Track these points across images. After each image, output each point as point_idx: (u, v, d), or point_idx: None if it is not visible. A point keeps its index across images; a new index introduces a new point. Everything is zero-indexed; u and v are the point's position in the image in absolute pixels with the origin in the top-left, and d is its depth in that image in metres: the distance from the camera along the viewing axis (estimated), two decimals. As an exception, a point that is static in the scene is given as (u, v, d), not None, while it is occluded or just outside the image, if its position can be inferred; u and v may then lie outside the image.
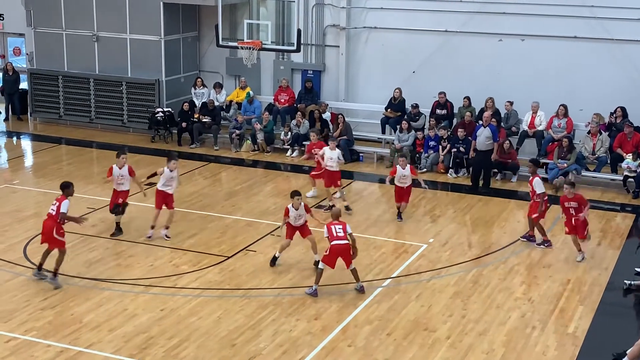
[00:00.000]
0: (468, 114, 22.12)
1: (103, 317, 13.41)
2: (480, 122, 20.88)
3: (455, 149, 21.58)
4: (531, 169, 17.15)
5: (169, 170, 16.54)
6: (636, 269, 15.20)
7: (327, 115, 23.62)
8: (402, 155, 18.40)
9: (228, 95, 25.15)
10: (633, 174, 20.15)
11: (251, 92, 24.65)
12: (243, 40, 22.66)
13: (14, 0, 27.04)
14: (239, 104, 24.71)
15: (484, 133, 20.32)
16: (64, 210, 14.24)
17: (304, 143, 23.32)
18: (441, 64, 23.82)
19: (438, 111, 23.12)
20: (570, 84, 22.57)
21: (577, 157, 20.71)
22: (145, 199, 18.60)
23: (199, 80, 25.39)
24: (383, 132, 23.89)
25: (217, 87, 25.13)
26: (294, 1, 23.43)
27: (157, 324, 13.21)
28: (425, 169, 21.93)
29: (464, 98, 22.73)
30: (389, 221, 18.09)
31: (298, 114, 23.45)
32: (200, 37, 26.48)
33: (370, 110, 24.41)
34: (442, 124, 22.47)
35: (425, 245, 16.77)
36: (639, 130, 20.90)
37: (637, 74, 22.04)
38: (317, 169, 19.19)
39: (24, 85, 27.42)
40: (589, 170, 21.00)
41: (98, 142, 24.54)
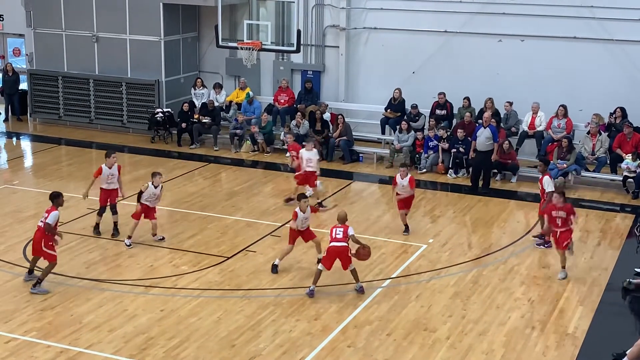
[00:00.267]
0: (468, 114, 22.13)
1: (103, 318, 13.41)
2: (481, 122, 20.90)
3: (454, 150, 21.59)
4: (541, 167, 17.22)
5: (154, 187, 16.37)
6: (636, 269, 15.22)
7: (326, 116, 23.63)
8: (403, 165, 17.65)
9: (228, 96, 25.15)
10: (632, 174, 20.15)
11: (251, 93, 24.65)
12: (243, 40, 22.66)
13: (13, 1, 27.04)
14: (239, 105, 24.70)
15: (484, 133, 20.32)
16: (50, 221, 13.94)
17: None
18: (441, 65, 23.82)
19: (438, 112, 23.12)
20: (569, 84, 22.57)
21: (576, 158, 20.71)
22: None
23: (199, 80, 25.40)
24: (383, 133, 23.90)
25: (216, 87, 25.13)
26: (293, 2, 23.42)
27: (157, 325, 13.21)
28: (425, 170, 21.93)
29: (464, 98, 22.74)
30: (388, 221, 18.09)
31: (298, 115, 23.46)
32: (200, 37, 26.48)
33: (370, 111, 24.41)
34: (442, 125, 22.47)
35: (425, 246, 16.77)
36: (639, 130, 20.90)
37: (637, 74, 22.04)
38: (298, 169, 19.19)
39: (23, 85, 27.41)
40: (589, 171, 21.01)
41: (98, 142, 24.53)
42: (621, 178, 20.42)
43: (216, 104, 24.67)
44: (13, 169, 22.37)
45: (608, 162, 21.03)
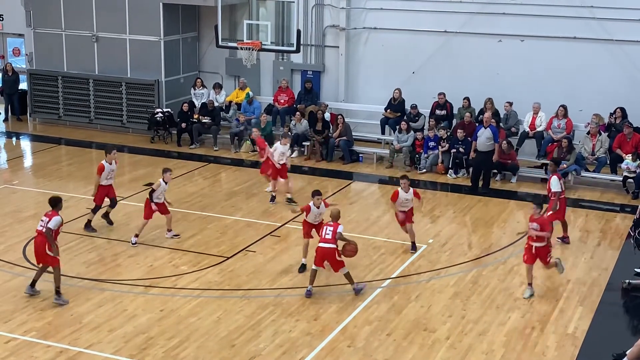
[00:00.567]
0: (467, 114, 22.12)
1: (103, 318, 13.41)
2: (481, 120, 20.89)
3: (454, 150, 21.59)
4: (551, 167, 17.21)
5: (165, 183, 16.59)
6: (636, 269, 15.22)
7: (326, 116, 23.62)
8: (404, 177, 16.28)
9: (227, 96, 25.14)
10: (632, 175, 20.15)
11: (251, 93, 24.64)
12: (243, 40, 22.64)
13: (13, 1, 27.03)
14: (239, 105, 24.70)
15: (485, 134, 20.31)
16: (52, 226, 13.71)
17: (304, 144, 23.35)
18: (441, 65, 23.82)
19: (437, 112, 23.11)
20: (569, 84, 22.57)
21: (576, 158, 20.71)
22: (146, 199, 18.58)
23: (199, 80, 25.39)
24: (383, 133, 23.89)
25: (216, 87, 25.12)
26: (293, 2, 23.41)
27: (156, 325, 13.21)
28: (424, 170, 21.93)
29: (464, 99, 22.73)
30: (388, 222, 18.06)
31: (297, 114, 23.45)
32: (199, 37, 26.47)
33: (369, 111, 24.40)
34: (442, 125, 22.47)
35: (425, 246, 16.76)
36: (639, 131, 20.90)
37: (637, 74, 22.03)
38: (265, 162, 19.41)
39: (23, 85, 27.40)
40: (589, 171, 21.00)
41: (97, 142, 24.51)
42: (621, 178, 20.42)
43: (216, 104, 24.66)
44: (13, 169, 22.36)
45: (608, 162, 21.02)
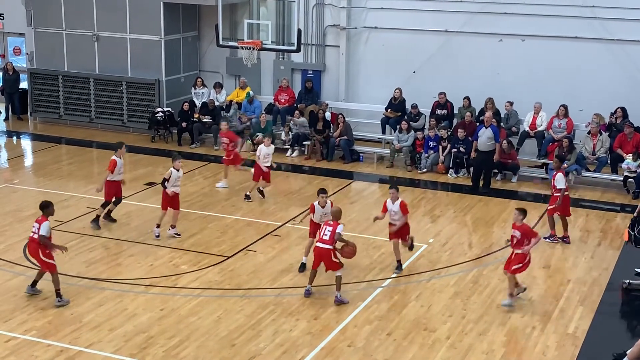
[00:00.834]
0: (468, 114, 22.12)
1: (103, 317, 13.41)
2: (482, 121, 20.88)
3: (455, 149, 21.58)
4: (556, 164, 17.23)
5: (176, 170, 16.79)
6: (636, 269, 15.21)
7: (327, 115, 23.61)
8: (393, 187, 15.43)
9: (228, 95, 25.14)
10: (633, 174, 20.15)
11: (251, 92, 24.64)
12: (243, 40, 22.64)
13: (14, 0, 27.03)
14: (239, 104, 24.69)
15: (486, 133, 20.31)
16: (44, 232, 13.60)
17: (304, 143, 23.34)
18: (441, 64, 23.81)
19: (438, 111, 23.11)
20: (570, 84, 22.56)
21: (577, 158, 20.71)
22: (146, 198, 18.64)
23: (199, 80, 25.38)
24: (383, 132, 23.88)
25: (217, 87, 25.11)
26: (294, 1, 23.42)
27: (157, 324, 13.21)
28: (425, 169, 21.93)
29: (464, 98, 22.72)
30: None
31: (296, 113, 23.44)
32: (200, 36, 26.47)
33: (370, 111, 24.40)
34: (442, 124, 22.46)
35: (425, 246, 16.76)
36: (639, 130, 20.90)
37: (638, 74, 22.03)
38: (227, 155, 19.96)
39: (24, 85, 27.41)
40: (589, 171, 21.00)
41: (98, 142, 24.52)
42: (622, 178, 20.42)
43: (216, 103, 24.66)
44: (13, 168, 22.35)
45: (609, 162, 21.02)
